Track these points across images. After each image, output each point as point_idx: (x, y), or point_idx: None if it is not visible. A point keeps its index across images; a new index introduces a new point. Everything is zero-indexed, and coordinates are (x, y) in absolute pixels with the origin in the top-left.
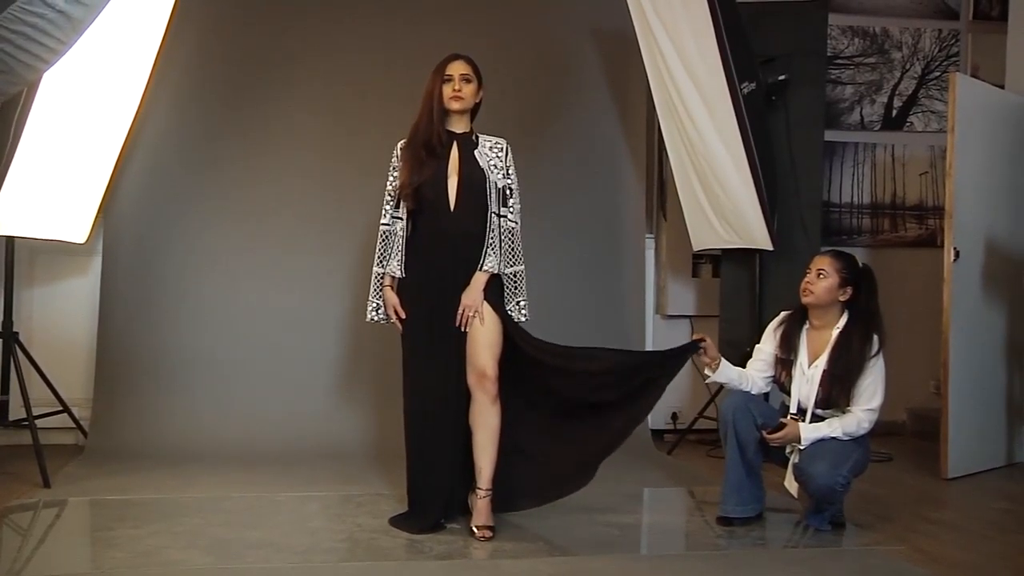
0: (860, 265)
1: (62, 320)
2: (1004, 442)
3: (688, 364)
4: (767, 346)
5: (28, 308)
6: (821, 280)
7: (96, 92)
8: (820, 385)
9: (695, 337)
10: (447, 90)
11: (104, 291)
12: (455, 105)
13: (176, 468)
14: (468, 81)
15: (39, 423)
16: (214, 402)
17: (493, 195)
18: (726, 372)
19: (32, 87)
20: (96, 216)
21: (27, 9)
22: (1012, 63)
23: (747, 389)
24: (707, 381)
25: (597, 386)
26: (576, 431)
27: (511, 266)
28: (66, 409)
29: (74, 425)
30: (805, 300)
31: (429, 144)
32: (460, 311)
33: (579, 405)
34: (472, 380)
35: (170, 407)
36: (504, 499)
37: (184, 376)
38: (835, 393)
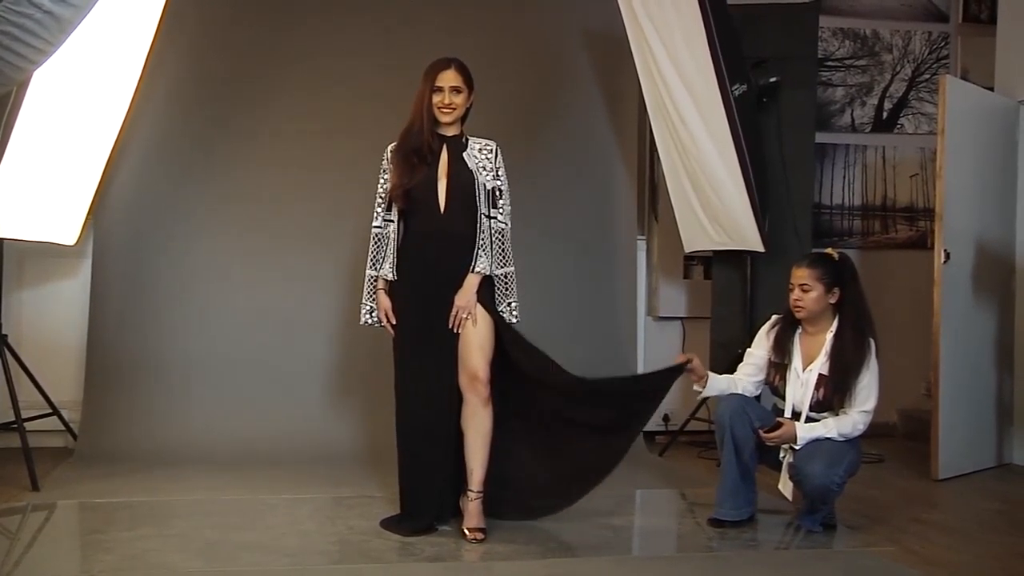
0: (836, 258)
1: (51, 322)
2: (994, 443)
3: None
4: (759, 350)
5: (17, 310)
6: (807, 294)
7: (86, 92)
8: (815, 389)
9: (680, 360)
10: (437, 101)
11: (94, 293)
12: (445, 118)
13: (167, 470)
14: (458, 91)
15: (28, 426)
16: (205, 404)
17: (482, 197)
18: (715, 385)
19: (21, 87)
20: (86, 218)
21: (13, 9)
22: (1001, 66)
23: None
24: (698, 398)
25: (587, 400)
26: (564, 445)
27: (502, 267)
28: (55, 411)
29: (63, 428)
30: (799, 316)
31: (419, 151)
32: (453, 313)
33: (568, 410)
34: (464, 382)
35: (160, 409)
36: (495, 504)
37: (175, 378)
38: (831, 396)
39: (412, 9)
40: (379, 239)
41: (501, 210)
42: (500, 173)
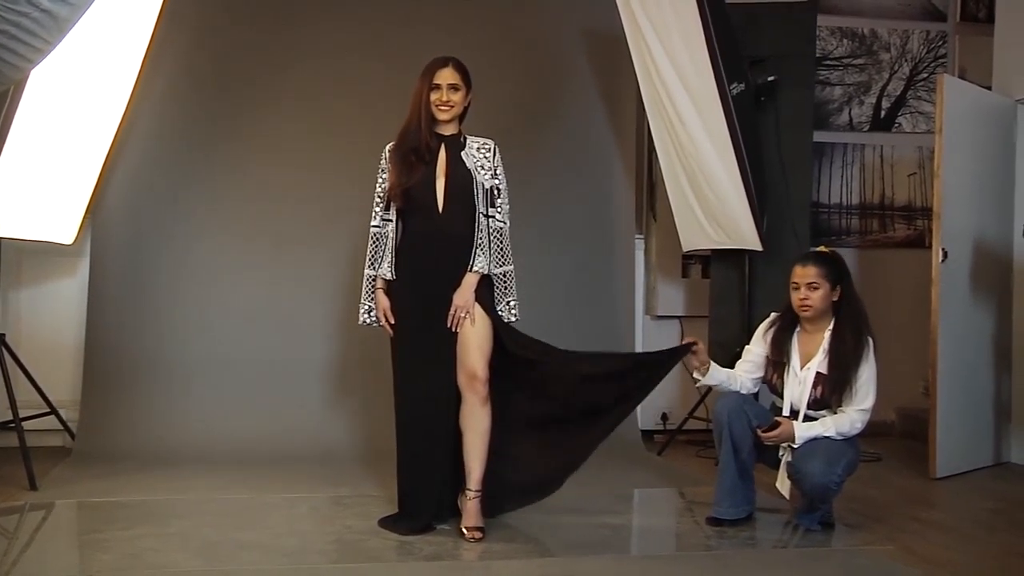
0: (832, 255)
1: (49, 321)
2: (992, 442)
3: (678, 366)
4: (757, 348)
5: (15, 309)
6: (816, 292)
7: (84, 91)
8: (813, 387)
9: (687, 340)
10: (435, 99)
11: (92, 292)
12: (443, 116)
13: (165, 470)
14: (456, 89)
15: (26, 425)
16: (203, 403)
17: (480, 196)
18: (715, 375)
19: (18, 86)
20: (84, 217)
21: (11, 8)
22: (999, 65)
23: (736, 390)
24: (697, 385)
25: (587, 388)
26: (563, 431)
27: (500, 266)
28: (53, 411)
29: (61, 427)
30: (806, 315)
31: (418, 150)
32: (452, 312)
33: (566, 406)
34: (462, 381)
35: (159, 408)
36: (493, 501)
37: (173, 377)
38: (829, 394)
39: (412, 9)
40: (377, 238)
41: (499, 209)
42: (498, 172)
